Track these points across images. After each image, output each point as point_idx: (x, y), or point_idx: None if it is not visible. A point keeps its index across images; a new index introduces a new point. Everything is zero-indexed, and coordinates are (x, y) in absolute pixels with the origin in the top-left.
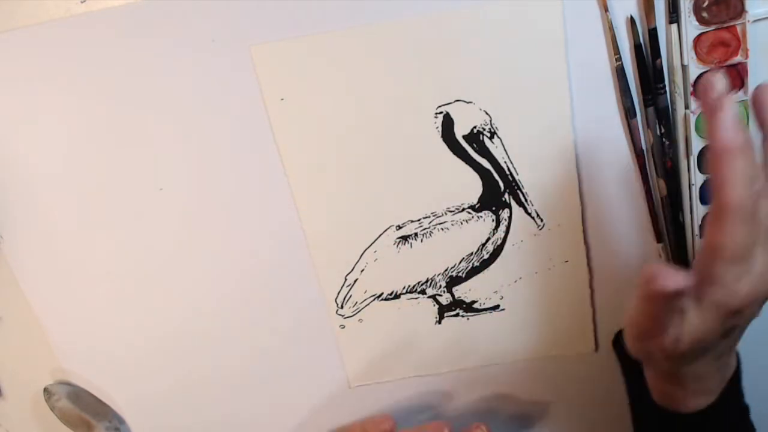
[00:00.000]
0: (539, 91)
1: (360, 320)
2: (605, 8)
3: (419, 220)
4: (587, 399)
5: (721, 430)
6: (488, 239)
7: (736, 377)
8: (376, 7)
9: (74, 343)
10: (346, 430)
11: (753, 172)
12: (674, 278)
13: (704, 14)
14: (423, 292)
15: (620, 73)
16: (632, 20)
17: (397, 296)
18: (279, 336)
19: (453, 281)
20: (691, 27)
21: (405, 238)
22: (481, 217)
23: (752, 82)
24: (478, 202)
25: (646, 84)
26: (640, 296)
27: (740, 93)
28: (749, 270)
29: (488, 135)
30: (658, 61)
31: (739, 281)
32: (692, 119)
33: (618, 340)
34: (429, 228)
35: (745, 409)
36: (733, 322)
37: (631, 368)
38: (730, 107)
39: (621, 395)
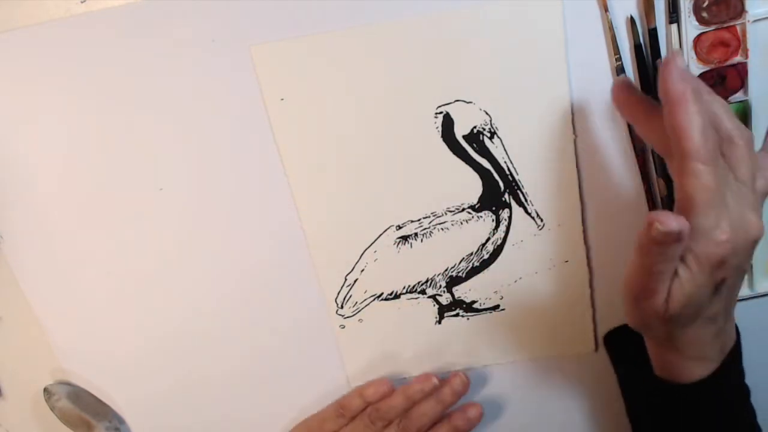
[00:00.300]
0: (539, 91)
1: (360, 320)
2: (605, 8)
3: (419, 220)
4: (587, 399)
5: (719, 404)
6: (488, 239)
7: (737, 351)
8: (376, 7)
9: (74, 343)
10: (344, 399)
11: (708, 118)
12: (675, 219)
13: (704, 14)
14: (423, 292)
15: (620, 72)
16: (632, 20)
17: (397, 296)
18: (279, 336)
19: (453, 281)
20: (691, 27)
21: (405, 238)
22: (481, 217)
23: (752, 82)
24: (478, 202)
25: (646, 84)
26: (638, 248)
27: (740, 93)
28: (724, 217)
29: (488, 135)
30: (658, 61)
31: (716, 229)
32: None
33: (608, 338)
34: (429, 228)
35: (745, 389)
36: (720, 275)
37: (624, 358)
38: (680, 60)
39: (621, 395)
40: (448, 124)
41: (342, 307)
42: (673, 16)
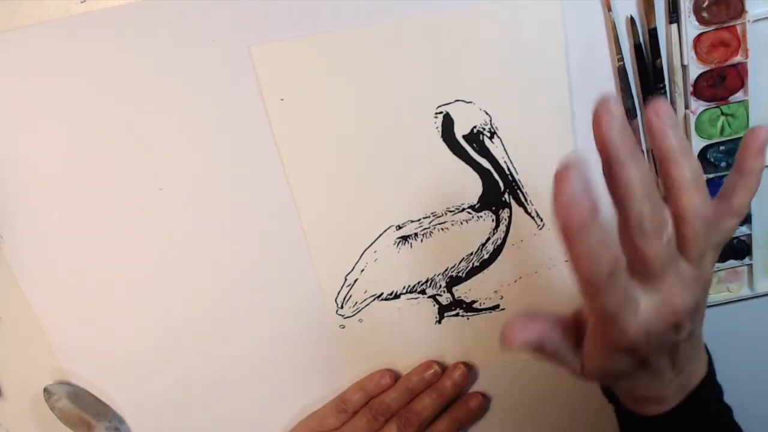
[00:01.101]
0: (539, 91)
1: (360, 320)
2: (608, 8)
3: (419, 220)
4: (587, 398)
5: (691, 430)
6: (488, 239)
7: (706, 383)
8: (376, 7)
9: (74, 343)
10: (345, 393)
11: (604, 240)
12: (520, 330)
13: (704, 14)
14: (423, 292)
15: (622, 73)
16: (632, 20)
17: (397, 296)
18: (279, 336)
19: (453, 281)
20: (691, 27)
21: (405, 238)
22: (481, 217)
23: (752, 82)
24: (478, 202)
25: (646, 84)
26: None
27: (740, 93)
28: (637, 306)
29: (488, 135)
30: (658, 61)
31: (627, 323)
32: (692, 119)
33: None
34: (429, 228)
35: (723, 411)
36: (638, 356)
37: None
38: (574, 175)
39: None
40: (448, 124)
41: (342, 307)
42: (673, 16)
